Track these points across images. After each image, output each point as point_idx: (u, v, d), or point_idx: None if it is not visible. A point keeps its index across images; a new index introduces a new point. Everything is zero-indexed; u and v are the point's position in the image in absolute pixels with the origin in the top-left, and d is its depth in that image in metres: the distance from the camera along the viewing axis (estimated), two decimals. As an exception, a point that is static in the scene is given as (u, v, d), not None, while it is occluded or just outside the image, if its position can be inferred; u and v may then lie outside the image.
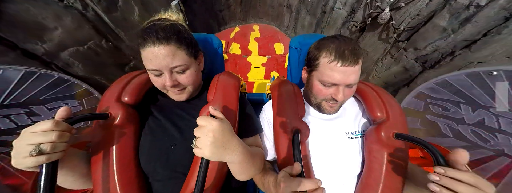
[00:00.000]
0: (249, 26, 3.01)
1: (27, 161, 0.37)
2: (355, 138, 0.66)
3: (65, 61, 1.10)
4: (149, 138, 0.60)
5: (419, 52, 1.56)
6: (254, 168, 0.57)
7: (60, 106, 0.99)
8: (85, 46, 1.19)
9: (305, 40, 0.99)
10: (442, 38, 1.39)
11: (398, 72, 1.80)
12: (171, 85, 0.56)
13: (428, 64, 1.55)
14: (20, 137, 0.39)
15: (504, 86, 0.81)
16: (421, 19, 1.48)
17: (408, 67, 1.69)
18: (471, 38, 1.26)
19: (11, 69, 0.83)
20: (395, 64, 1.81)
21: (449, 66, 1.42)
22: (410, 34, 1.60)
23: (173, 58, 0.54)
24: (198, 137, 0.42)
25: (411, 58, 1.65)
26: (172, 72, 0.56)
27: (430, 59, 1.52)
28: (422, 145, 0.47)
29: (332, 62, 0.56)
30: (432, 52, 1.49)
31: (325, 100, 0.63)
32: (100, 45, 1.28)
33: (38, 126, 0.39)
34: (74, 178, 0.51)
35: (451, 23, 1.32)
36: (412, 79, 1.69)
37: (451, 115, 1.00)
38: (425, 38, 1.48)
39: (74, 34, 1.12)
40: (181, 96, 0.63)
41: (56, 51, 1.06)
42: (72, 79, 1.02)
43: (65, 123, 0.42)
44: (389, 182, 0.56)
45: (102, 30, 1.28)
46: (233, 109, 0.61)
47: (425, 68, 1.58)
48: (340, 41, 0.58)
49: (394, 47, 1.78)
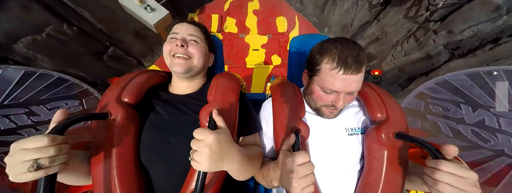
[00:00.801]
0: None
1: (25, 177, 0.36)
2: (355, 134, 0.66)
3: (24, 55, 0.91)
4: (150, 132, 0.61)
5: (453, 37, 1.25)
6: (253, 169, 0.57)
7: (60, 105, 0.99)
8: (43, 34, 0.96)
9: (305, 40, 0.99)
10: (490, 20, 1.09)
11: (419, 60, 1.53)
12: (181, 44, 0.64)
13: (459, 52, 1.28)
14: (12, 154, 0.36)
15: (504, 86, 0.81)
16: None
17: (433, 54, 1.41)
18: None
19: (11, 69, 0.83)
20: (418, 50, 1.51)
21: (485, 57, 1.16)
22: (447, 12, 1.25)
23: (192, 30, 0.69)
24: (195, 150, 0.42)
25: (439, 44, 1.34)
26: (187, 40, 0.68)
27: (464, 46, 1.23)
28: (422, 145, 0.47)
29: (334, 70, 0.55)
30: (469, 38, 1.20)
31: (325, 106, 0.63)
32: (62, 31, 1.04)
33: (32, 142, 0.36)
34: (74, 178, 0.51)
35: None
36: (434, 69, 1.45)
37: (451, 115, 1.00)
38: (467, 19, 1.17)
39: (22, 19, 0.89)
40: (183, 65, 0.65)
41: (6, 44, 0.86)
42: (72, 79, 1.02)
43: (60, 136, 0.40)
44: (389, 181, 0.56)
45: (59, 11, 1.02)
46: (233, 109, 0.61)
47: (453, 56, 1.32)
48: (343, 46, 0.56)
49: (421, 28, 1.43)
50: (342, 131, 0.66)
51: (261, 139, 0.71)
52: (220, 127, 0.48)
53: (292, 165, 0.45)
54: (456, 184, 0.39)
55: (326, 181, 0.62)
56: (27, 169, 0.35)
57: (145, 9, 1.34)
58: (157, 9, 1.39)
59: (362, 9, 1.76)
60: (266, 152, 0.71)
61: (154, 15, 1.36)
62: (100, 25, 1.25)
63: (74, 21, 1.11)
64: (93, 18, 1.19)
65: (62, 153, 0.40)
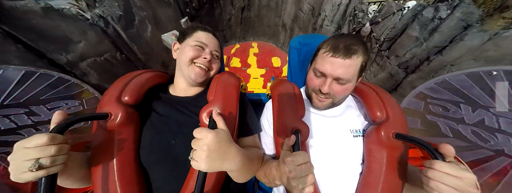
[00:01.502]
0: (248, 43, 3.32)
1: (26, 176, 0.36)
2: (359, 136, 0.66)
3: (83, 70, 1.22)
4: (150, 132, 0.61)
5: (400, 59, 1.80)
6: (252, 171, 0.57)
7: (60, 105, 0.99)
8: (102, 58, 1.32)
9: (305, 40, 0.99)
10: (416, 46, 1.65)
11: (385, 79, 2.01)
12: (209, 57, 0.69)
13: (410, 69, 1.76)
14: (14, 152, 0.37)
15: (504, 86, 0.81)
16: (397, 31, 1.77)
17: (393, 73, 1.91)
18: (441, 45, 1.51)
19: (11, 69, 0.83)
20: (381, 71, 2.04)
21: (428, 70, 1.60)
22: (390, 44, 1.88)
23: (217, 47, 0.75)
24: (195, 149, 0.42)
25: (394, 65, 1.89)
26: (212, 54, 0.71)
27: (411, 65, 1.74)
28: (422, 145, 0.48)
29: (325, 53, 0.60)
30: (411, 59, 1.72)
31: (314, 91, 0.65)
32: (115, 57, 1.42)
33: (33, 140, 0.37)
34: (73, 181, 0.51)
35: (421, 33, 1.59)
36: (398, 84, 1.88)
37: (451, 115, 1.00)
38: (403, 47, 1.74)
39: (95, 47, 1.25)
40: (202, 76, 0.69)
41: (76, 62, 1.18)
42: (72, 79, 1.02)
43: (61, 135, 0.40)
44: (388, 181, 0.56)
45: (118, 44, 1.43)
46: (233, 109, 0.61)
47: (407, 73, 1.79)
48: (342, 37, 0.61)
49: (378, 56, 2.04)
50: (347, 132, 0.66)
51: (263, 139, 0.71)
52: (220, 127, 0.48)
53: (291, 165, 0.45)
54: (453, 185, 0.39)
55: (328, 181, 0.62)
56: (28, 169, 0.35)
57: (177, 42, 1.68)
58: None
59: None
60: (268, 152, 0.70)
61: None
62: (141, 55, 1.66)
63: (125, 51, 1.51)
64: (138, 51, 1.63)
65: (62, 153, 0.40)
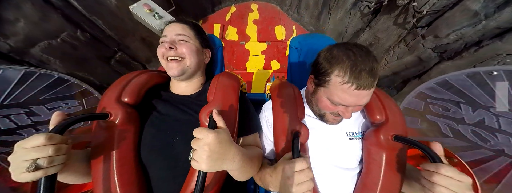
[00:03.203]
0: (246, 5, 2.60)
1: (24, 177, 0.36)
2: (356, 138, 0.66)
3: (39, 58, 0.98)
4: (151, 131, 0.61)
5: (440, 41, 1.35)
6: (253, 170, 0.57)
7: (60, 105, 0.99)
8: (58, 39, 1.04)
9: (306, 40, 0.99)
10: (470, 25, 1.18)
11: (411, 63, 1.61)
12: (169, 46, 0.63)
13: (447, 55, 1.36)
14: (14, 152, 0.37)
15: (504, 86, 0.81)
16: (449, 0, 1.23)
17: (423, 57, 1.50)
18: (506, 26, 1.07)
19: (11, 69, 0.83)
20: (409, 54, 1.59)
21: (472, 58, 1.23)
22: (432, 18, 1.37)
23: (179, 29, 0.67)
24: (195, 149, 0.42)
25: (428, 47, 1.43)
26: (176, 41, 0.66)
27: (451, 49, 1.33)
28: (420, 148, 0.48)
29: (346, 84, 0.50)
30: (454, 41, 1.29)
31: (331, 113, 0.60)
32: (75, 37, 1.13)
33: (30, 141, 0.37)
34: (74, 178, 0.52)
35: (486, 6, 1.09)
36: (426, 71, 1.52)
37: (451, 115, 1.00)
38: (450, 24, 1.27)
39: (41, 26, 0.96)
40: (176, 68, 0.64)
41: (24, 47, 0.93)
42: (72, 79, 1.02)
43: (59, 135, 0.40)
44: (387, 183, 0.56)
45: (74, 18, 1.11)
46: (233, 109, 0.61)
47: (442, 59, 1.40)
48: (356, 57, 0.50)
49: (410, 33, 1.53)
50: (343, 135, 0.66)
51: (261, 140, 0.71)
52: (220, 127, 0.48)
53: (290, 172, 0.45)
54: (452, 187, 0.40)
55: (326, 184, 0.62)
56: (25, 169, 0.35)
57: (153, 16, 1.49)
58: (164, 17, 1.54)
59: (355, 17, 1.90)
60: (266, 153, 0.70)
61: (161, 22, 1.50)
62: (110, 32, 1.36)
63: (87, 28, 1.21)
64: (104, 26, 1.30)
65: (60, 153, 0.39)
